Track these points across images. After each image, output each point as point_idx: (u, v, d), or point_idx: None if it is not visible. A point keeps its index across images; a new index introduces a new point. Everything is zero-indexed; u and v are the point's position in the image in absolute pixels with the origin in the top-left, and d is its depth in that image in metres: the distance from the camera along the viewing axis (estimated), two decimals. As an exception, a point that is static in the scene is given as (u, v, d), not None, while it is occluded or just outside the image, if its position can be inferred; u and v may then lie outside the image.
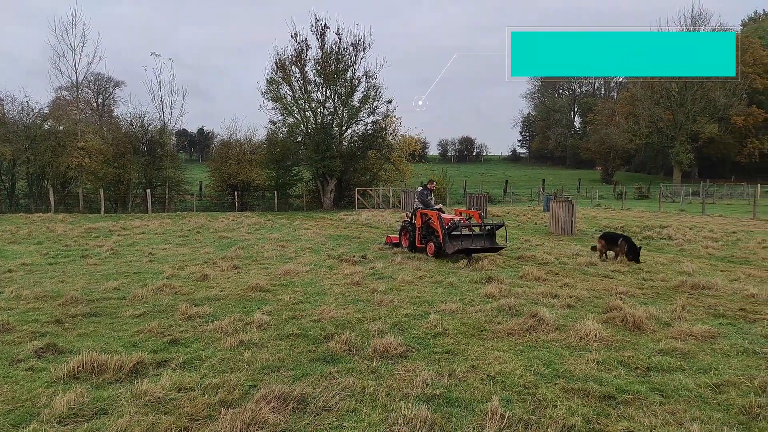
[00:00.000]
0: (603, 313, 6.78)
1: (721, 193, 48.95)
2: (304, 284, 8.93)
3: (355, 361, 5.11)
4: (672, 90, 61.90)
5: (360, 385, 4.48)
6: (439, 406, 4.08)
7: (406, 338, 5.76)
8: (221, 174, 36.11)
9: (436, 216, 11.90)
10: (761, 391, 4.32)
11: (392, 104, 37.13)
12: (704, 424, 3.73)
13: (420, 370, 4.75)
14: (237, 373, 4.72)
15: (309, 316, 6.73)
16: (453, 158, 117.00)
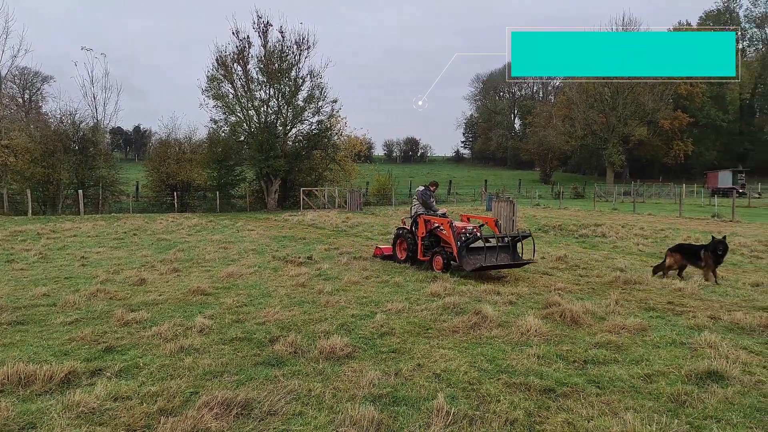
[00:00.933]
0: (543, 309, 7.00)
1: (650, 193, 51.74)
2: (247, 287, 8.74)
3: (301, 363, 5.04)
4: (605, 94, 64.91)
5: (306, 387, 4.43)
6: (386, 406, 4.09)
7: (352, 339, 5.75)
8: (159, 174, 34.85)
9: (448, 224, 9.98)
10: (688, 380, 4.58)
11: (337, 104, 37.04)
12: (637, 412, 3.92)
13: (367, 371, 4.74)
14: (177, 380, 4.55)
15: (253, 319, 6.59)
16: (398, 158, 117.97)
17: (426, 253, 10.54)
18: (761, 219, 24.43)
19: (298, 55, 35.10)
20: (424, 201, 11.32)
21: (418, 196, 11.46)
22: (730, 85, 76.36)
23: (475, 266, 9.26)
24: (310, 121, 37.11)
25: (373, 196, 40.92)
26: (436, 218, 10.59)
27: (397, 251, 11.40)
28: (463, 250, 9.52)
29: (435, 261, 10.18)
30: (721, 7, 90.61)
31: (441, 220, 10.39)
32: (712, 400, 4.15)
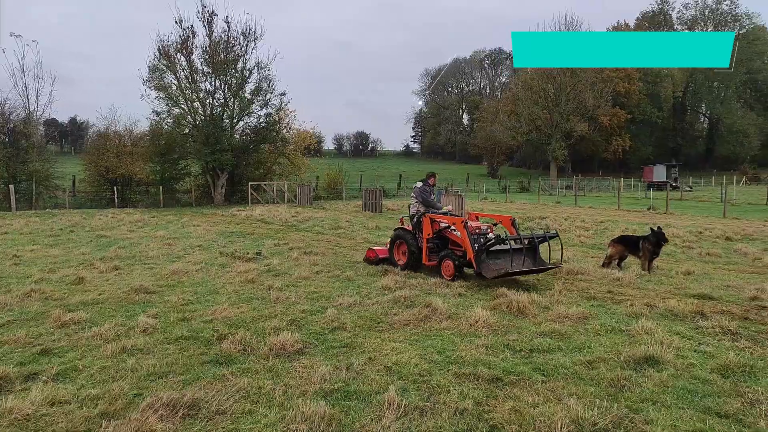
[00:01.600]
0: (491, 301, 7.16)
1: (591, 187, 53.81)
2: (194, 284, 8.51)
3: (250, 361, 4.96)
4: (548, 91, 66.88)
5: (256, 385, 4.36)
6: (338, 401, 4.08)
7: (303, 335, 5.70)
8: (98, 168, 33.27)
9: (461, 224, 8.71)
10: (626, 365, 4.80)
11: (286, 97, 36.46)
12: (579, 398, 4.07)
13: (318, 366, 4.71)
14: (120, 382, 4.38)
15: (200, 317, 6.43)
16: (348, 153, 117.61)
17: (432, 257, 9.28)
18: (692, 211, 25.87)
19: (245, 47, 34.27)
20: (423, 199, 9.92)
21: (417, 194, 10.04)
22: (664, 83, 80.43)
23: (499, 272, 8.05)
24: (258, 114, 36.35)
25: (323, 190, 40.58)
26: (447, 217, 9.27)
27: (395, 255, 9.93)
28: (482, 253, 8.30)
29: (444, 266, 8.82)
30: (656, 9, 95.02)
31: (453, 220, 9.08)
32: (649, 384, 4.37)
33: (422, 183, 10.17)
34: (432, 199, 10.04)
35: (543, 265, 8.68)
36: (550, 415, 3.73)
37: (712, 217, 21.92)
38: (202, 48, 33.76)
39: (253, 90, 35.14)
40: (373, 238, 14.73)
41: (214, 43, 33.59)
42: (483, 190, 49.83)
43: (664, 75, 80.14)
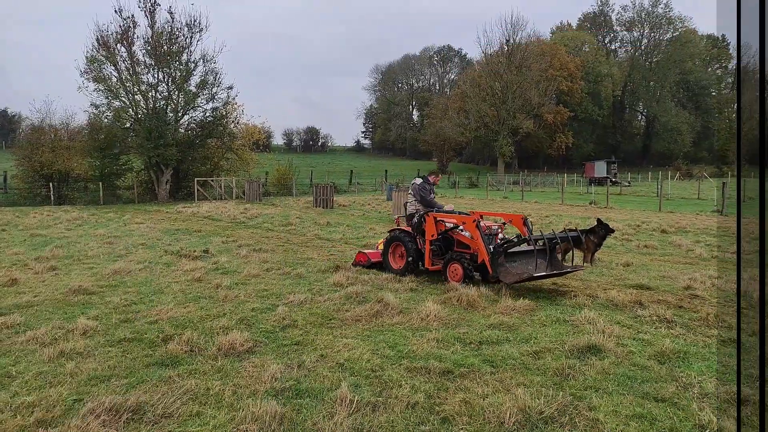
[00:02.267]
0: (441, 295, 7.26)
1: (537, 182, 55.40)
2: (137, 284, 8.20)
3: (197, 361, 4.83)
4: (495, 89, 68.32)
5: (204, 386, 4.25)
6: (289, 399, 4.04)
7: (253, 333, 5.60)
8: (32, 163, 31.50)
9: (473, 224, 7.90)
10: (570, 354, 4.98)
11: (233, 91, 35.67)
12: (527, 387, 4.19)
13: (268, 365, 4.64)
14: (58, 388, 4.17)
15: (144, 318, 6.20)
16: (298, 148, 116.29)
17: (435, 260, 8.59)
18: (630, 205, 27.08)
19: (190, 38, 33.23)
20: (422, 197, 9.09)
21: (415, 192, 9.19)
22: (605, 82, 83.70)
23: (521, 277, 7.35)
24: (204, 108, 35.36)
25: (273, 186, 39.92)
26: (456, 217, 8.49)
27: (391, 259, 9.11)
28: (500, 256, 7.58)
29: (451, 270, 8.09)
30: (597, 10, 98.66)
31: (462, 219, 8.27)
32: (591, 372, 4.54)
33: (422, 180, 9.40)
34: (432, 198, 9.25)
35: (563, 267, 8.03)
36: (499, 405, 3.81)
37: (648, 211, 23.03)
38: (144, 39, 32.52)
39: (199, 83, 34.17)
40: (324, 235, 14.64)
41: (157, 34, 32.41)
42: (433, 186, 50.40)
43: (604, 74, 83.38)
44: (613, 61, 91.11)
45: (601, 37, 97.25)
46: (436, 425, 3.65)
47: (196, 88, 34.16)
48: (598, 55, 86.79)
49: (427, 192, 9.19)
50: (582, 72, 79.32)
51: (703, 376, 4.44)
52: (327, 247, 12.35)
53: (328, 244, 12.91)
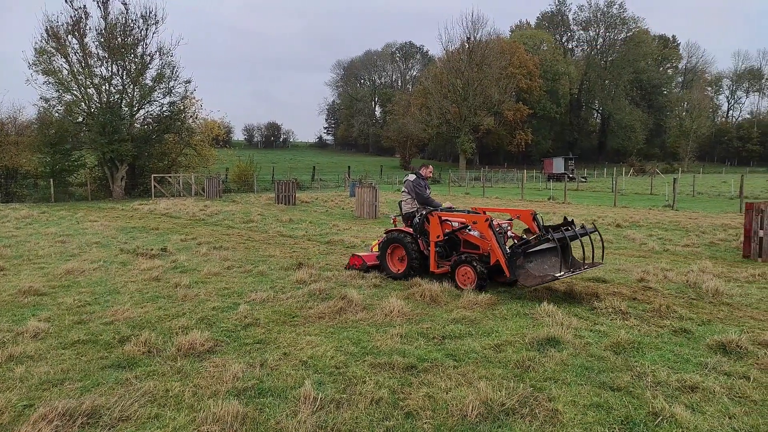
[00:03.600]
0: (405, 290, 7.29)
1: (497, 178, 56.35)
2: (91, 284, 7.93)
3: (156, 363, 4.70)
4: (457, 86, 69.00)
5: (163, 388, 4.14)
6: (252, 398, 3.98)
7: (213, 332, 5.49)
8: (-24, 159, 30.05)
9: (486, 224, 7.23)
10: (531, 347, 5.08)
11: (191, 85, 34.81)
12: (489, 380, 4.25)
13: (230, 364, 4.57)
14: (6, 393, 3.99)
15: (99, 319, 6.00)
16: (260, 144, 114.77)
17: (440, 263, 8.00)
18: (587, 201, 27.84)
19: (145, 30, 32.21)
20: (418, 194, 8.55)
21: (410, 189, 8.64)
22: (562, 80, 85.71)
23: (544, 279, 6.79)
24: (161, 102, 34.39)
25: (233, 182, 39.21)
26: (465, 215, 7.89)
27: (389, 262, 8.47)
28: (515, 257, 6.97)
29: (460, 274, 7.48)
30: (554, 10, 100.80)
31: (474, 218, 7.62)
32: (551, 363, 4.65)
33: (415, 176, 8.77)
34: (427, 195, 8.64)
35: (581, 265, 7.43)
36: (462, 399, 3.86)
37: (604, 206, 23.73)
38: (97, 30, 31.38)
39: (155, 77, 33.21)
40: (287, 232, 14.49)
41: (110, 26, 31.32)
42: (396, 182, 50.57)
43: (561, 73, 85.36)
44: (570, 60, 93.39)
45: (558, 36, 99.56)
46: (400, 420, 3.66)
47: (152, 81, 33.20)
48: (556, 54, 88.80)
49: (422, 188, 8.62)
50: (540, 70, 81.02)
51: (656, 365, 4.60)
52: (289, 244, 12.23)
53: (291, 241, 12.79)
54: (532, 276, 6.90)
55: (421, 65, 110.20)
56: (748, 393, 4.04)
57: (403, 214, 8.77)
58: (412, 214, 8.55)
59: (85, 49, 31.15)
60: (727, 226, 15.15)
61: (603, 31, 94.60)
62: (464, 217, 7.81)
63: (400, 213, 8.95)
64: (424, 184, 8.72)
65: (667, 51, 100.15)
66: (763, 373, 4.45)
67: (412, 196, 8.63)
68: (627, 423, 3.61)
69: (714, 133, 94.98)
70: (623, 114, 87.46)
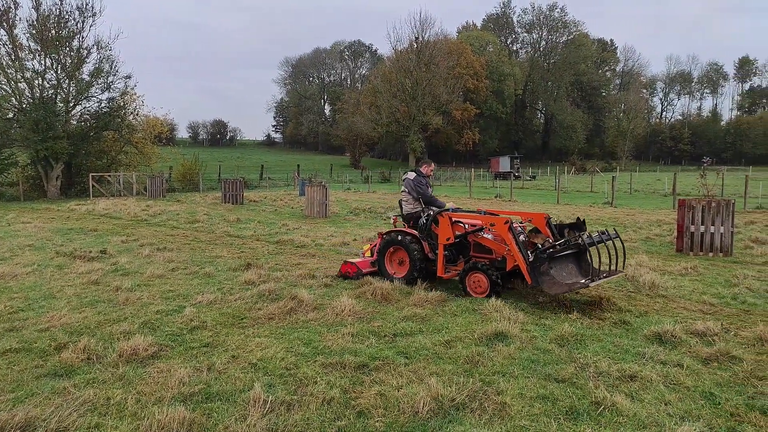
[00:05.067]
0: (356, 289, 7.28)
1: (446, 177, 57.11)
2: (24, 289, 7.49)
3: (96, 370, 4.50)
4: (406, 85, 69.54)
5: (103, 396, 3.97)
6: (199, 404, 3.87)
7: (158, 337, 5.31)
8: None
9: (506, 226, 6.66)
10: (480, 342, 5.18)
11: (132, 80, 33.52)
12: (439, 376, 4.31)
13: (176, 369, 4.42)
14: (-72, 410, 3.72)
15: (33, 326, 5.68)
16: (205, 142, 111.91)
17: (447, 267, 7.44)
18: (532, 198, 28.68)
19: (81, 23, 30.73)
20: (421, 193, 8.00)
21: (410, 187, 8.04)
22: (507, 81, 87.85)
23: (571, 287, 6.34)
24: (99, 98, 32.93)
25: (178, 181, 37.99)
26: (480, 217, 7.28)
27: (388, 266, 7.89)
28: (538, 263, 6.41)
29: (472, 281, 6.97)
30: (499, 12, 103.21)
31: (491, 220, 7.06)
32: (499, 358, 4.76)
33: (415, 174, 8.18)
34: (429, 193, 8.12)
35: (599, 273, 6.81)
36: (413, 396, 3.89)
37: (548, 203, 24.50)
38: (29, 22, 29.72)
39: (93, 71, 31.75)
40: (234, 232, 14.19)
41: (43, 17, 29.72)
42: (346, 180, 50.46)
43: (507, 74, 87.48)
44: (515, 62, 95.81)
45: (503, 38, 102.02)
46: (352, 419, 3.65)
47: (89, 76, 31.72)
48: (501, 55, 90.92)
49: (424, 187, 8.08)
50: (487, 71, 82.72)
51: (598, 356, 4.79)
52: (237, 245, 11.98)
53: (239, 241, 12.53)
54: (558, 284, 6.38)
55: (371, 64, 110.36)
56: (682, 380, 4.27)
57: (404, 214, 8.18)
58: (415, 215, 7.98)
59: (15, 41, 29.45)
60: (661, 221, 15.95)
61: (546, 34, 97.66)
62: (480, 219, 7.24)
63: (400, 213, 8.38)
64: (425, 182, 8.17)
65: (606, 54, 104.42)
66: (695, 360, 4.71)
67: (414, 195, 8.05)
68: (571, 413, 3.74)
69: (649, 133, 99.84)
70: (565, 114, 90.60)
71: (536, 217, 7.22)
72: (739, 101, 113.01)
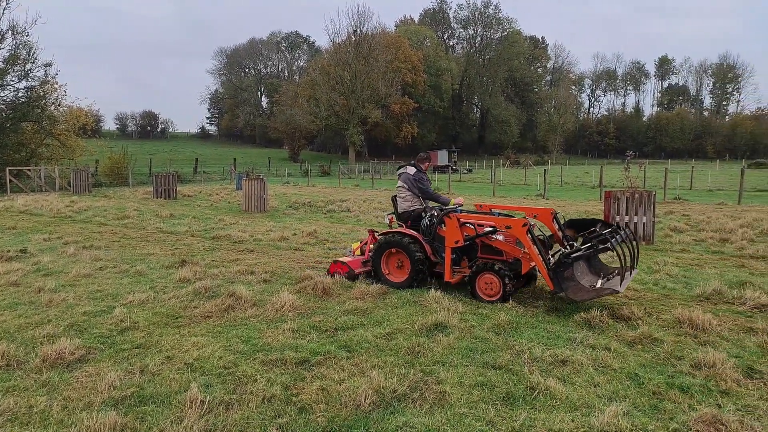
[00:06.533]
0: (296, 284, 7.19)
1: (386, 170, 57.44)
2: (-68, 293, 6.90)
3: (17, 377, 4.21)
4: (345, 78, 69.26)
5: (25, 404, 3.72)
6: (131, 407, 3.71)
7: (85, 340, 5.03)
8: None
9: (523, 228, 6.19)
10: (420, 333, 5.25)
11: (53, 69, 31.53)
12: (381, 369, 4.33)
13: (105, 373, 4.21)
14: None
15: (-57, 333, 5.24)
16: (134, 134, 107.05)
17: (455, 272, 6.88)
18: (469, 191, 29.35)
19: (-6, 5, 28.62)
20: (422, 189, 7.49)
21: (410, 184, 7.49)
22: (445, 76, 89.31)
23: (600, 293, 5.84)
24: (16, 87, 30.86)
25: (105, 176, 36.12)
26: (494, 219, 6.65)
27: (384, 268, 7.27)
28: (563, 266, 6.04)
29: (482, 283, 6.45)
30: (436, 7, 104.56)
31: (507, 221, 6.45)
32: (439, 348, 4.85)
33: (415, 169, 7.62)
34: (429, 188, 7.55)
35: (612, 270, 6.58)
36: (355, 389, 3.90)
37: (484, 196, 25.17)
38: (-69, 2, 27.29)
39: (8, 58, 29.67)
40: (167, 228, 13.66)
41: (-52, -3, 27.38)
42: (285, 174, 49.76)
43: (444, 69, 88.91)
44: (451, 57, 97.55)
45: (440, 33, 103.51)
46: (294, 416, 3.61)
47: (4, 63, 29.58)
48: (439, 50, 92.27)
49: (426, 184, 7.55)
50: (424, 65, 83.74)
51: (532, 342, 4.98)
52: (171, 241, 11.55)
53: (173, 238, 12.08)
54: (584, 289, 5.93)
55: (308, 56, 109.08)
56: (610, 362, 4.51)
57: (401, 212, 7.56)
58: (414, 214, 7.41)
59: None
60: (589, 212, 16.74)
61: (481, 30, 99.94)
62: (493, 220, 6.64)
63: (394, 211, 7.82)
64: (426, 178, 7.62)
65: (537, 51, 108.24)
66: (621, 344, 4.98)
67: (413, 192, 7.47)
68: (508, 398, 3.87)
69: (578, 128, 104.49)
70: (500, 109, 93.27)
71: (542, 213, 6.88)
72: (659, 98, 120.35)
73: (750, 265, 8.83)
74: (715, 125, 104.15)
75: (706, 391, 4.00)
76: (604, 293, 5.83)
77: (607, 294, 5.85)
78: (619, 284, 5.86)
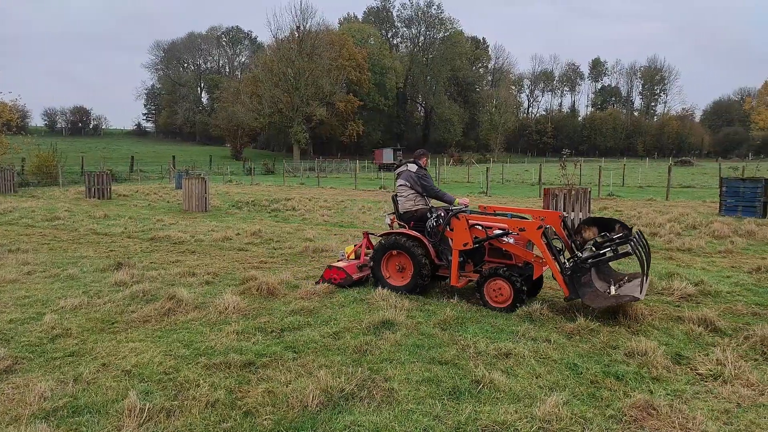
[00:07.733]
0: (240, 285, 7.03)
1: (332, 168, 57.23)
2: None
3: (-67, 393, 3.90)
4: (288, 75, 68.32)
5: (-57, 422, 3.45)
6: (64, 419, 3.51)
7: (12, 349, 4.72)
8: None
9: (538, 231, 5.86)
10: (368, 331, 5.26)
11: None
12: (329, 368, 4.30)
13: (35, 383, 3.97)
14: None
15: None
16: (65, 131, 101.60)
17: (460, 274, 6.52)
18: (414, 189, 29.61)
19: None
20: (425, 187, 7.01)
21: (412, 182, 7.02)
22: (389, 74, 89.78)
23: (619, 300, 5.47)
24: (-71, 78, 28.54)
25: (32, 175, 34.01)
26: (506, 221, 6.27)
27: (384, 271, 6.88)
28: (586, 273, 5.80)
29: (493, 289, 6.08)
30: (380, 6, 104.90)
31: (521, 224, 6.07)
32: (386, 345, 4.87)
33: (416, 167, 7.14)
34: (431, 186, 7.04)
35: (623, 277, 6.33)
36: (302, 390, 3.85)
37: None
38: None
39: None
40: (102, 229, 13.04)
41: None
42: (227, 173, 48.56)
43: (388, 67, 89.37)
44: (395, 55, 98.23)
45: (384, 32, 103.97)
46: (239, 420, 3.53)
47: None
48: (383, 49, 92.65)
49: (429, 181, 7.08)
50: (369, 63, 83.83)
51: (477, 337, 5.08)
52: (106, 243, 11.03)
53: (107, 239, 11.54)
54: (601, 296, 5.65)
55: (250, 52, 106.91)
56: (550, 354, 4.67)
57: (402, 212, 7.12)
58: (417, 215, 7.00)
59: None
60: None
61: (424, 29, 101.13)
62: (505, 222, 6.28)
63: (394, 211, 7.41)
64: (427, 175, 7.17)
65: (479, 52, 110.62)
66: (560, 335, 5.17)
67: (416, 190, 7.01)
68: (454, 392, 3.93)
69: (518, 127, 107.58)
70: (443, 108, 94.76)
71: (549, 216, 6.39)
72: (593, 99, 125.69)
73: (677, 257, 9.37)
74: (644, 125, 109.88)
75: (639, 378, 4.21)
76: (623, 300, 5.46)
77: (627, 301, 5.47)
78: (639, 291, 5.52)
